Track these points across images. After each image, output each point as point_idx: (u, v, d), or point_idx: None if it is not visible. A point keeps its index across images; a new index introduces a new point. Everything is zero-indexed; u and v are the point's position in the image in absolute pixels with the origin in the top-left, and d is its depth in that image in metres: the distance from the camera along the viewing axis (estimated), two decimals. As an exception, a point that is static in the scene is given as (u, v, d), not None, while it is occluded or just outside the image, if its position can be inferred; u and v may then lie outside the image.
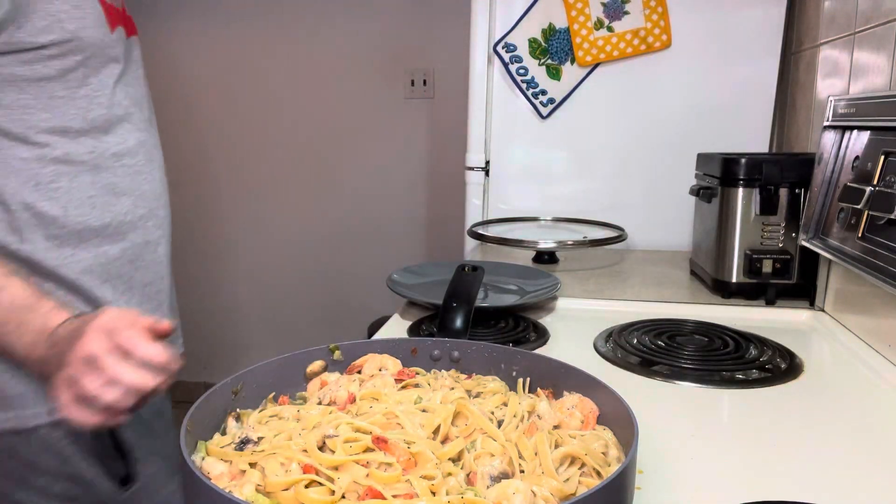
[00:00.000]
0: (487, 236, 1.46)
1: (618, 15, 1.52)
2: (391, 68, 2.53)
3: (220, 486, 0.47)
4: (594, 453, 0.54)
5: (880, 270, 0.86)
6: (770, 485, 0.59)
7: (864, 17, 1.13)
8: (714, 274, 1.19)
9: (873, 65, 1.09)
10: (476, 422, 0.57)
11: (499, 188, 1.65)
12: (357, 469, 0.50)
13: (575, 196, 1.61)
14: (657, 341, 0.93)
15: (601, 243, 1.39)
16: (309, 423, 0.56)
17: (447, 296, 0.89)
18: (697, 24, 1.52)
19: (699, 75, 1.53)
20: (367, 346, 0.72)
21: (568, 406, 0.61)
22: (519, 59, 1.57)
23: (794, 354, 0.89)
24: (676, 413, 0.74)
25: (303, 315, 2.68)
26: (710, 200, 1.21)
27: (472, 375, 0.70)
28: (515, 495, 0.47)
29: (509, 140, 1.63)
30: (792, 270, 1.13)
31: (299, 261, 2.68)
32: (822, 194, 1.05)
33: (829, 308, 1.07)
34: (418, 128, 2.56)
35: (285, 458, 0.50)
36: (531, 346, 0.93)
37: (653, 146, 1.57)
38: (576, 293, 1.19)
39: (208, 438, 0.57)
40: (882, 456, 0.65)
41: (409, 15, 2.49)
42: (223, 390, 0.61)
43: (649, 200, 1.58)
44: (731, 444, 0.67)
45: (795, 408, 0.76)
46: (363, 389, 0.63)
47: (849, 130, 1.02)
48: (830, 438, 0.68)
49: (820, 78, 1.34)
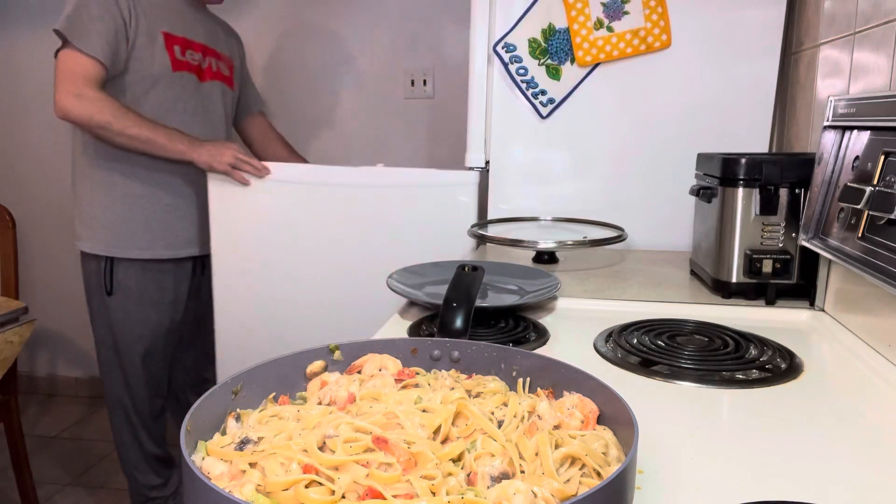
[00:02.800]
0: (487, 236, 1.46)
1: (618, 15, 1.52)
2: (391, 68, 2.53)
3: (220, 486, 0.47)
4: (594, 454, 0.54)
5: (880, 270, 0.86)
6: (770, 485, 0.59)
7: (864, 17, 1.13)
8: (714, 274, 1.19)
9: (873, 65, 1.09)
10: (476, 422, 0.57)
11: (499, 188, 1.65)
12: (357, 469, 0.50)
13: (575, 196, 1.61)
14: (657, 341, 0.93)
15: (601, 243, 1.39)
16: (309, 424, 0.56)
17: (447, 296, 0.89)
18: (697, 24, 1.52)
19: (699, 75, 1.53)
20: (367, 346, 0.72)
21: (568, 406, 0.61)
22: (519, 59, 1.57)
23: (794, 354, 0.89)
24: (676, 413, 0.74)
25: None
26: (710, 200, 1.21)
27: (473, 375, 0.70)
28: (516, 496, 0.47)
29: (509, 140, 1.63)
30: (792, 270, 1.13)
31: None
32: (822, 194, 1.05)
33: (829, 308, 1.07)
34: (418, 128, 2.56)
35: (285, 458, 0.50)
36: (531, 346, 0.93)
37: (653, 146, 1.57)
38: (576, 293, 1.19)
39: (208, 438, 0.57)
40: (882, 456, 0.65)
41: (409, 15, 2.49)
42: (223, 390, 0.61)
43: (649, 200, 1.58)
44: (731, 444, 0.67)
45: (795, 408, 0.76)
46: (363, 389, 0.63)
47: (849, 130, 1.02)
48: (830, 438, 0.68)
49: (820, 78, 1.34)
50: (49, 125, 2.80)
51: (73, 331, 3.02)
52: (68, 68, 1.63)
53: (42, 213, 2.89)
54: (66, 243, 2.88)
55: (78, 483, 2.39)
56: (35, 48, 2.75)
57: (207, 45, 1.88)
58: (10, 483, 2.09)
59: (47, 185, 2.87)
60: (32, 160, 2.86)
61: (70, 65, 1.63)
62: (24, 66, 2.78)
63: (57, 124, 2.78)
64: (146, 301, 1.86)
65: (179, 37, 1.79)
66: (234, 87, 2.01)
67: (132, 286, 1.84)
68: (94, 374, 3.05)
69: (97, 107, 1.62)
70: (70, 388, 3.10)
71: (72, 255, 2.87)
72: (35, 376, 3.10)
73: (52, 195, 2.87)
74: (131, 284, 1.83)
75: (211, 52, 1.89)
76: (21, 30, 2.75)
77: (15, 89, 2.81)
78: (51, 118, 2.77)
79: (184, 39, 1.80)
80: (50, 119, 2.79)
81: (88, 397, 3.06)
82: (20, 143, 2.86)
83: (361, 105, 2.58)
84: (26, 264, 2.77)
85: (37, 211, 2.87)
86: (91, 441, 2.70)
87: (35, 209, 2.87)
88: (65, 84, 1.63)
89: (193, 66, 1.82)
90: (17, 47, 2.77)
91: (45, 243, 2.92)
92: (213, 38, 1.92)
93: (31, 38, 2.74)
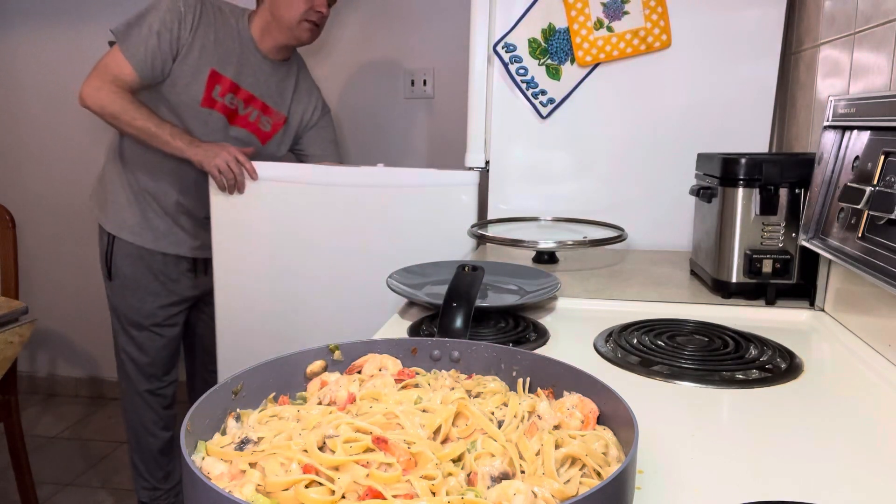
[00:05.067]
0: (487, 236, 1.46)
1: (618, 15, 1.52)
2: (391, 68, 2.53)
3: (220, 486, 0.47)
4: (594, 454, 0.54)
5: (880, 270, 0.86)
6: (770, 485, 0.59)
7: (864, 17, 1.13)
8: (714, 274, 1.19)
9: (873, 65, 1.09)
10: (477, 422, 0.57)
11: (499, 188, 1.65)
12: (357, 469, 0.50)
13: (575, 196, 1.61)
14: (657, 341, 0.93)
15: (601, 243, 1.39)
16: (309, 424, 0.56)
17: (447, 296, 0.89)
18: (697, 24, 1.51)
19: (699, 75, 1.53)
20: (367, 346, 0.72)
21: (568, 406, 0.61)
22: (519, 59, 1.57)
23: (794, 354, 0.89)
24: (676, 413, 0.74)
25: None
26: (710, 200, 1.21)
27: (473, 375, 0.70)
28: (516, 496, 0.47)
29: (509, 140, 1.63)
30: (792, 270, 1.13)
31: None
32: (822, 194, 1.05)
33: (829, 308, 1.07)
34: (418, 128, 2.56)
35: (285, 458, 0.50)
36: (531, 346, 0.93)
37: (653, 146, 1.57)
38: (576, 293, 1.19)
39: (208, 438, 0.57)
40: (882, 456, 0.65)
41: (409, 15, 2.49)
42: (223, 390, 0.61)
43: (649, 200, 1.58)
44: (731, 444, 0.67)
45: (795, 408, 0.76)
46: (363, 389, 0.63)
47: (849, 130, 1.02)
48: (830, 438, 0.68)
49: (820, 78, 1.34)
50: (49, 125, 2.80)
51: (73, 331, 3.02)
52: (105, 64, 1.73)
53: (42, 213, 2.89)
54: (67, 243, 2.88)
55: (78, 483, 2.39)
56: (36, 49, 2.75)
57: (258, 97, 1.87)
58: (10, 483, 2.08)
59: (47, 185, 2.87)
60: (32, 160, 2.86)
61: (107, 61, 1.73)
62: (25, 66, 2.78)
63: (57, 124, 2.78)
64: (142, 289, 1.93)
65: (228, 79, 1.80)
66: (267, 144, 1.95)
67: (128, 273, 1.92)
68: (95, 374, 3.05)
69: (110, 98, 1.71)
70: (70, 388, 3.10)
71: (72, 255, 2.88)
72: (35, 376, 3.10)
73: (52, 195, 2.87)
74: (128, 271, 1.92)
75: (258, 103, 1.88)
76: (22, 30, 2.75)
77: (15, 89, 2.81)
78: (51, 118, 2.79)
79: (231, 83, 1.81)
80: (50, 119, 2.80)
81: (88, 397, 3.06)
82: (20, 143, 2.86)
83: (361, 105, 2.58)
84: (26, 264, 2.76)
85: (37, 211, 2.87)
86: (91, 441, 2.70)
87: (35, 209, 2.86)
88: (94, 76, 1.73)
89: (228, 109, 1.83)
90: (18, 47, 2.77)
91: (45, 243, 2.91)
92: (272, 91, 1.89)
93: (31, 38, 2.74)
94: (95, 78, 1.73)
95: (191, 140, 1.75)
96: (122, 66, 1.71)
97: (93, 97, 1.72)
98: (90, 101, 1.73)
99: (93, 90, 1.72)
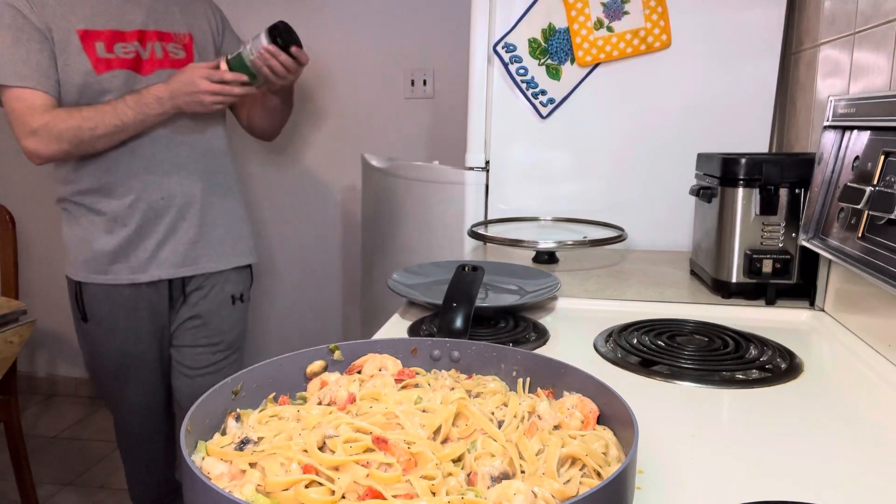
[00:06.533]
0: (487, 236, 1.46)
1: (618, 15, 1.52)
2: (391, 68, 2.53)
3: (220, 486, 0.47)
4: (594, 454, 0.54)
5: (880, 270, 0.86)
6: (770, 485, 0.59)
7: (864, 17, 1.13)
8: (714, 274, 1.19)
9: (873, 65, 1.09)
10: (477, 422, 0.57)
11: (499, 188, 1.65)
12: (357, 469, 0.50)
13: (575, 196, 1.61)
14: (657, 341, 0.93)
15: (601, 243, 1.39)
16: (309, 424, 0.56)
17: (447, 296, 0.89)
18: (697, 24, 1.51)
19: (699, 75, 1.53)
20: (367, 346, 0.72)
21: (568, 406, 0.61)
22: (519, 59, 1.57)
23: (794, 354, 0.89)
24: (676, 413, 0.74)
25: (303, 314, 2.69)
26: (710, 200, 1.21)
27: (472, 375, 0.70)
28: (516, 496, 0.47)
29: (509, 140, 1.63)
30: (792, 270, 1.13)
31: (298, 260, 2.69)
32: (822, 194, 1.05)
33: (829, 308, 1.07)
34: (418, 128, 2.56)
35: (285, 458, 0.50)
36: (531, 346, 0.93)
37: (653, 146, 1.57)
38: (576, 293, 1.19)
39: (208, 438, 0.57)
40: (882, 456, 0.65)
41: (409, 15, 2.49)
42: (223, 390, 0.61)
43: (649, 200, 1.58)
44: (731, 444, 0.67)
45: (795, 408, 0.76)
46: (363, 389, 0.63)
47: (849, 130, 1.02)
48: (830, 438, 0.68)
49: (820, 78, 1.34)
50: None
51: (73, 331, 3.00)
52: (11, 110, 1.50)
53: (42, 213, 2.89)
54: (66, 243, 2.88)
55: (78, 483, 2.39)
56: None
57: (146, 28, 1.60)
58: (10, 483, 2.09)
59: (47, 185, 2.86)
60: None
61: (13, 106, 1.49)
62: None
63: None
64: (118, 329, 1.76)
65: (103, 30, 1.54)
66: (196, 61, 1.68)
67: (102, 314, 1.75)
68: (94, 374, 3.05)
69: (53, 134, 1.48)
70: (70, 388, 3.10)
71: (72, 255, 2.88)
72: (35, 376, 3.10)
73: (52, 195, 2.86)
74: (102, 312, 1.75)
75: (152, 35, 1.61)
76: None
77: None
78: (51, 118, 2.79)
79: (110, 32, 1.55)
80: (50, 119, 2.80)
81: (88, 397, 3.06)
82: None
83: (361, 105, 2.58)
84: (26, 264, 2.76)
85: (37, 211, 2.87)
86: (91, 441, 2.70)
87: (35, 209, 2.86)
88: (20, 128, 1.49)
89: (127, 61, 1.56)
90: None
91: (45, 243, 2.91)
92: (158, 16, 1.63)
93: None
94: (19, 128, 1.49)
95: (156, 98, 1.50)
96: (27, 98, 1.48)
97: (41, 146, 1.49)
98: (44, 151, 1.50)
99: (33, 140, 1.48)
